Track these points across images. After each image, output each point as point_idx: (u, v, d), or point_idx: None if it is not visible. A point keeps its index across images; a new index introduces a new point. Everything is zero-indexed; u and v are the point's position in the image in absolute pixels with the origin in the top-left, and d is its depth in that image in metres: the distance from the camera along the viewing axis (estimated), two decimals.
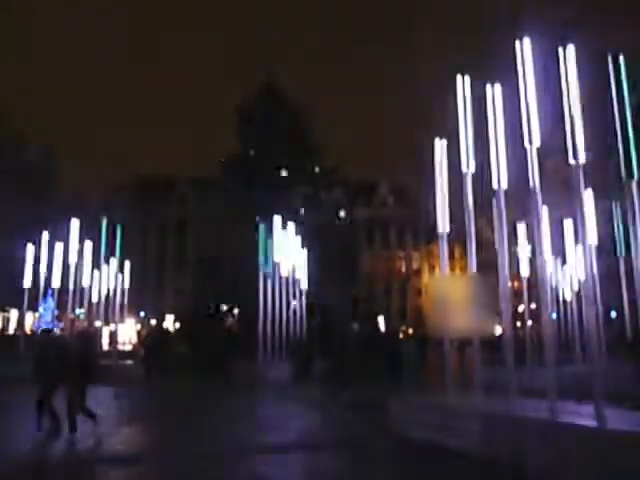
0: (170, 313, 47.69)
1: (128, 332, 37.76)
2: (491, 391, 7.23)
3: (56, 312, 28.06)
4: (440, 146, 8.70)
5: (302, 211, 32.41)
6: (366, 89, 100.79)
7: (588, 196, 11.96)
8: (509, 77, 7.16)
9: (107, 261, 21.40)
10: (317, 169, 35.99)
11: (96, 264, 20.90)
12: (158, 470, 6.49)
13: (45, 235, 20.92)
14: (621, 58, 7.00)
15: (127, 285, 21.98)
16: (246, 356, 18.13)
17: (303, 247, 21.59)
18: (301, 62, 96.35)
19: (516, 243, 14.68)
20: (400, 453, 6.90)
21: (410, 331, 42.18)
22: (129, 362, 21.16)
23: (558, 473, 5.48)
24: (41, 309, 28.82)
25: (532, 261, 13.54)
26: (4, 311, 41.84)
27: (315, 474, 6.34)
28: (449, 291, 10.62)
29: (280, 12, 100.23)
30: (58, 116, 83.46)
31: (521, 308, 15.48)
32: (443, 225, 8.49)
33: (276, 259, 19.56)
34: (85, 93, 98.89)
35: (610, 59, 7.15)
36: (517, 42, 7.02)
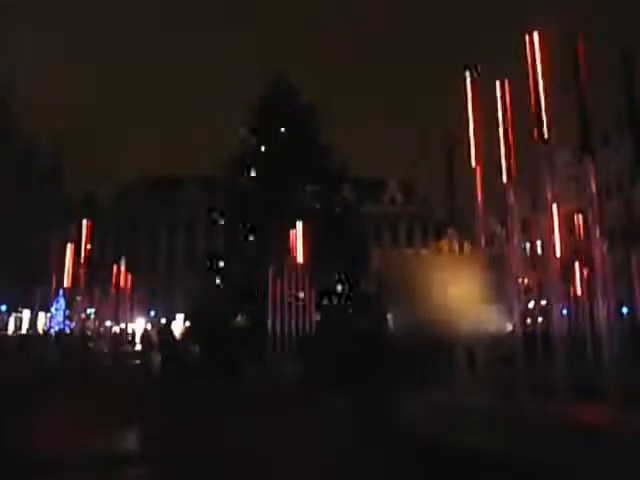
0: (180, 312, 47.87)
1: (138, 331, 37.94)
2: (504, 389, 7.18)
3: (67, 312, 28.27)
4: (450, 142, 8.66)
5: (311, 209, 32.37)
6: (375, 87, 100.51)
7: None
8: (518, 70, 7.10)
9: (117, 261, 21.53)
10: (326, 167, 36.01)
11: (106, 264, 21.03)
12: (170, 470, 6.50)
13: (56, 236, 21.06)
14: None
15: (137, 285, 22.09)
16: (256, 355, 18.16)
17: (312, 245, 21.57)
18: (311, 61, 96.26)
19: (526, 239, 14.58)
20: (414, 452, 6.87)
21: None
22: (139, 361, 21.29)
23: (573, 472, 5.43)
24: (53, 309, 29.03)
25: (542, 257, 13.44)
26: (17, 312, 42.18)
27: (329, 473, 6.33)
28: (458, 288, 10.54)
29: (285, 11, 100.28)
30: (63, 117, 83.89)
31: (531, 304, 15.38)
32: (452, 222, 8.44)
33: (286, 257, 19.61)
34: (89, 93, 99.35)
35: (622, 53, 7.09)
36: (527, 35, 6.95)
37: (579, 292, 17.75)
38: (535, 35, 6.89)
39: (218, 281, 29.10)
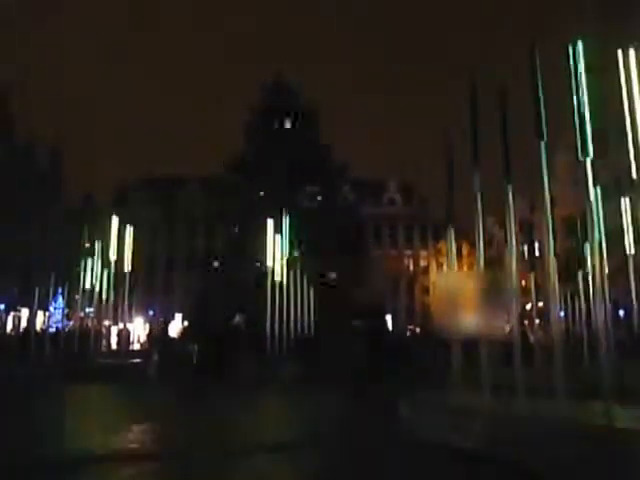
0: (179, 312, 47.86)
1: (137, 331, 37.96)
2: (500, 390, 7.19)
3: (66, 311, 28.29)
4: (450, 142, 8.67)
5: (311, 210, 32.45)
6: (376, 88, 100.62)
7: (597, 192, 11.85)
8: (517, 73, 7.13)
9: (117, 260, 21.52)
10: (326, 167, 36.06)
11: (106, 263, 21.04)
12: (170, 468, 6.52)
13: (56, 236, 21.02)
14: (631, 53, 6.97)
15: (136, 284, 22.09)
16: (254, 355, 18.16)
17: (311, 245, 21.62)
18: (311, 60, 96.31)
19: (524, 240, 14.62)
20: (410, 453, 6.88)
21: (418, 329, 42.03)
22: (138, 361, 21.29)
23: (569, 473, 5.45)
24: (51, 308, 29.02)
25: (540, 259, 13.47)
26: (15, 310, 42.16)
27: (323, 473, 6.35)
28: (457, 289, 10.56)
29: (288, 12, 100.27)
30: (63, 116, 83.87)
31: (529, 306, 15.41)
32: (451, 223, 8.46)
33: (284, 257, 19.63)
34: (90, 93, 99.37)
35: (621, 55, 7.14)
36: (526, 37, 6.98)
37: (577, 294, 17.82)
38: (534, 37, 6.92)
39: (218, 281, 29.11)
